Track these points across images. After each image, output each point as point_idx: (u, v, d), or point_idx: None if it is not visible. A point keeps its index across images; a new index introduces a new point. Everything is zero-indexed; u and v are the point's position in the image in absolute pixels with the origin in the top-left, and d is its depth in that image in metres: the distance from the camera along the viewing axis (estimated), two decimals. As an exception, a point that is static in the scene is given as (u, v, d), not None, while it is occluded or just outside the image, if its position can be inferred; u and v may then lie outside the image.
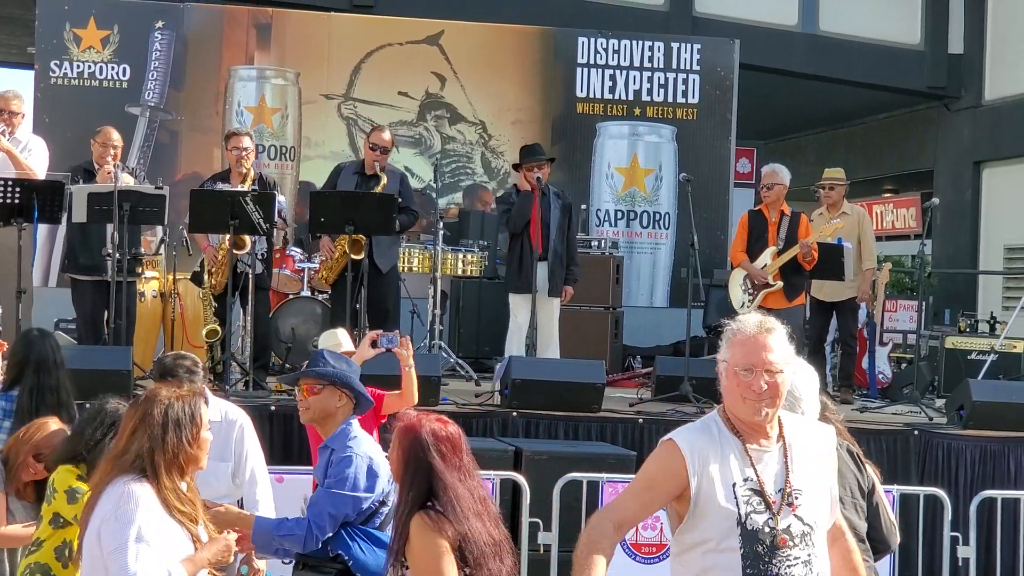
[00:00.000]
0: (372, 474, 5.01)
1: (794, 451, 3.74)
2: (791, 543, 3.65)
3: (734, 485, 3.67)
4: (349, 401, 5.21)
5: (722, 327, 3.84)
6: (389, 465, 4.46)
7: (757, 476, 3.69)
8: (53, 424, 5.38)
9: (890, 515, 5.12)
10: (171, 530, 3.84)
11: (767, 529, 3.65)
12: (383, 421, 6.42)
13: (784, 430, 3.76)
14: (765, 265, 10.00)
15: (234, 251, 9.17)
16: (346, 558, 4.95)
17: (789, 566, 3.65)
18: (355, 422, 5.23)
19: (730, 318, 3.85)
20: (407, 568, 4.19)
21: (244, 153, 9.54)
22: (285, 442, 8.22)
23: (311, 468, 5.74)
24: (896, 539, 5.15)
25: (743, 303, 10.08)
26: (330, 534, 4.93)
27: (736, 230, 10.59)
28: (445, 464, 4.20)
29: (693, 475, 3.68)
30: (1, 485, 5.27)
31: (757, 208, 10.38)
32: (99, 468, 3.94)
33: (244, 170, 9.54)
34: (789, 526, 3.67)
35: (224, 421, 5.85)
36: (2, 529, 5.24)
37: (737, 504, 3.66)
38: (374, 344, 6.56)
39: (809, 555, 3.68)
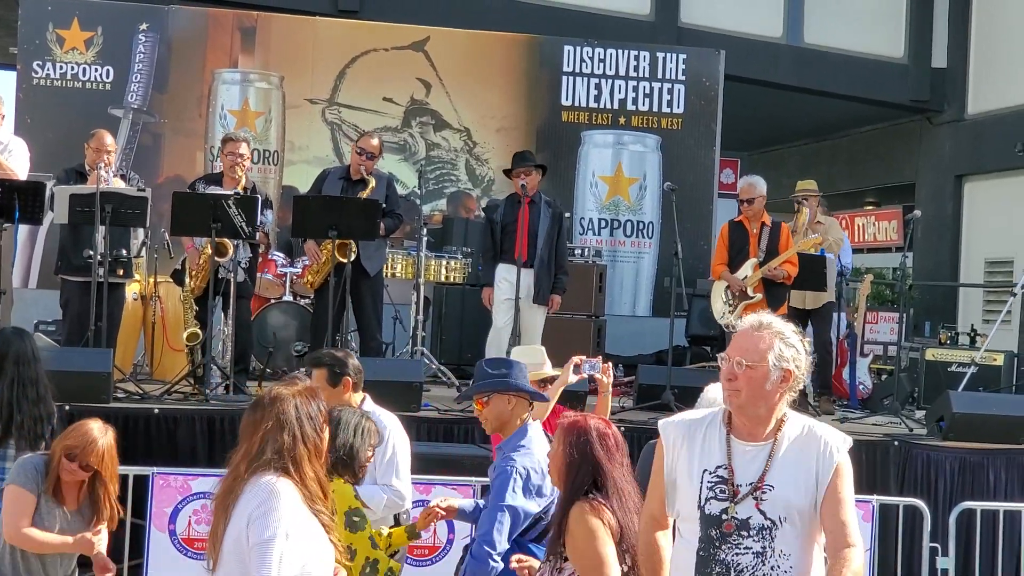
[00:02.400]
0: (528, 487, 5.05)
1: (782, 451, 3.83)
2: (744, 532, 3.79)
3: (704, 471, 3.85)
4: (521, 400, 5.25)
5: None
6: (550, 464, 4.50)
7: (730, 466, 3.83)
8: (93, 424, 5.33)
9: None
10: (311, 525, 3.90)
11: (723, 516, 3.81)
12: None
13: (782, 431, 3.86)
14: (746, 277, 9.99)
15: (216, 258, 9.14)
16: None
17: (738, 553, 3.80)
18: (533, 425, 5.27)
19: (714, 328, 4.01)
20: (565, 559, 4.27)
21: (239, 159, 9.54)
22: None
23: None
24: None
25: (723, 314, 10.07)
26: (505, 547, 4.92)
27: (716, 242, 10.54)
28: (609, 459, 4.36)
29: (668, 458, 3.95)
30: (34, 487, 5.24)
31: (738, 220, 10.33)
32: (231, 470, 3.97)
33: (238, 176, 9.52)
34: (749, 518, 3.80)
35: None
36: (26, 530, 5.19)
37: (701, 489, 3.84)
38: (576, 369, 6.40)
39: (764, 548, 3.79)
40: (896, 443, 8.98)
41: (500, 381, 5.23)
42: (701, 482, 3.84)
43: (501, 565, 4.90)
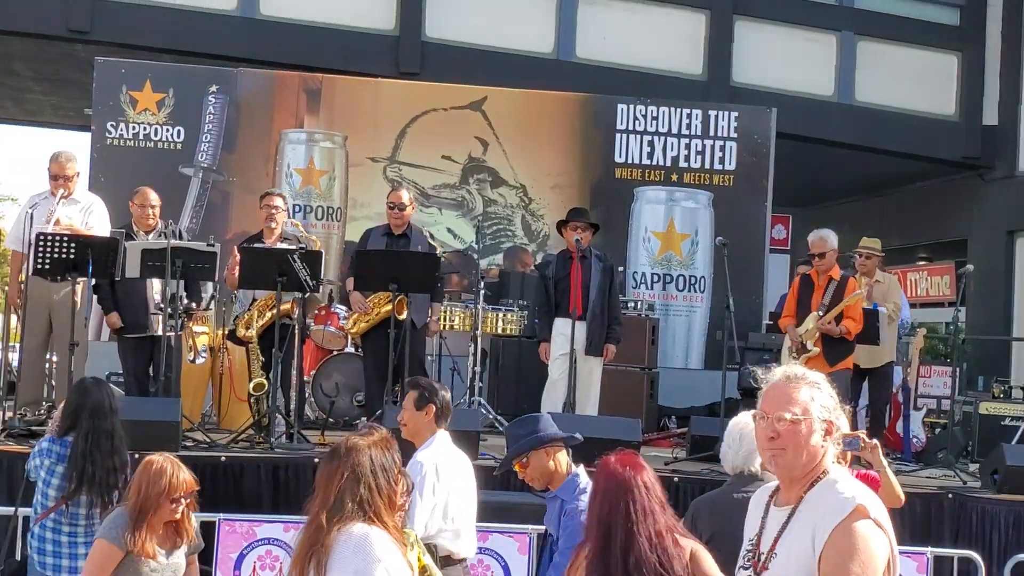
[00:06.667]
0: None
1: (802, 516, 3.53)
2: None
3: (750, 539, 3.68)
4: (557, 448, 5.37)
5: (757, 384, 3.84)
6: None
7: (759, 533, 3.63)
8: (157, 459, 5.48)
9: None
10: (404, 569, 3.96)
11: None
12: None
13: (809, 493, 3.54)
14: (806, 330, 10.12)
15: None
16: None
17: None
18: (581, 470, 5.36)
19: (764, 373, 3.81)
20: None
21: (274, 211, 9.96)
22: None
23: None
24: None
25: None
26: None
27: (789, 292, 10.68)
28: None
29: None
30: (122, 543, 5.34)
31: (808, 272, 10.50)
32: (311, 520, 4.00)
33: (274, 225, 9.93)
34: None
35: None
36: None
37: (739, 558, 3.71)
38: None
39: None
40: (950, 495, 9.03)
41: (533, 439, 5.33)
42: (743, 551, 3.68)
43: None
